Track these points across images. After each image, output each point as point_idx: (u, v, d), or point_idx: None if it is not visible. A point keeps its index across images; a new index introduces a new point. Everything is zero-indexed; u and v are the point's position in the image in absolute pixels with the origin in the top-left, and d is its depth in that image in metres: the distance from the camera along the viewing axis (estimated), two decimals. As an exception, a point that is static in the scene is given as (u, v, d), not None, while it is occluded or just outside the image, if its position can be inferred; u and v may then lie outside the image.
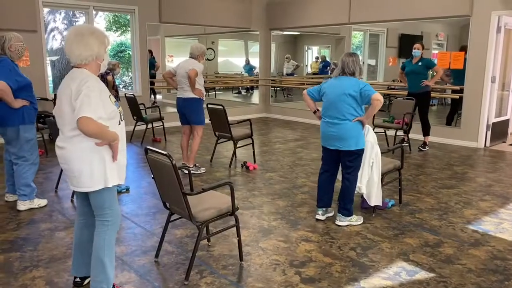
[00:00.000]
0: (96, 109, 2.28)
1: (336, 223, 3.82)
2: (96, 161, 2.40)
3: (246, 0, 9.98)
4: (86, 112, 2.24)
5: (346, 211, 3.79)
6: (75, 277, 2.77)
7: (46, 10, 7.65)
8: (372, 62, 10.87)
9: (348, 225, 3.80)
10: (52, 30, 9.18)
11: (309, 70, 12.40)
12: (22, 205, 4.11)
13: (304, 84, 11.62)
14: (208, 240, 3.46)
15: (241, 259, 3.13)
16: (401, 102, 6.88)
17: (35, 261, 3.12)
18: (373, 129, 4.00)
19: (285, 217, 4.02)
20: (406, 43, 9.17)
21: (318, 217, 3.93)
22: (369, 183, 3.92)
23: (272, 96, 11.20)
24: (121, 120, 2.52)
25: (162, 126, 7.65)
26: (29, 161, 4.10)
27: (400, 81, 7.34)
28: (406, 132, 6.78)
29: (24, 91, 3.95)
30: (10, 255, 3.21)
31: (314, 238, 3.55)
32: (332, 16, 9.04)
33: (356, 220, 3.84)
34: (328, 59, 11.84)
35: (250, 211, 4.17)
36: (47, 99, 7.39)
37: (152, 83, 9.20)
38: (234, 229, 3.15)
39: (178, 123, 5.78)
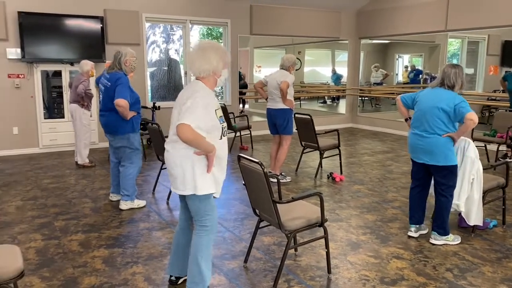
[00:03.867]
0: (197, 118, 2.41)
1: (430, 241, 3.61)
2: (188, 168, 2.53)
3: (335, 9, 9.93)
4: (186, 119, 2.38)
5: (441, 230, 3.57)
6: (170, 276, 2.94)
7: (147, 25, 8.29)
8: (470, 71, 10.17)
9: (443, 244, 3.58)
10: (151, 43, 9.89)
11: (400, 79, 11.93)
12: (124, 205, 4.47)
13: (394, 93, 11.20)
14: (296, 250, 3.47)
15: (329, 271, 3.09)
16: (505, 114, 6.34)
17: (135, 258, 3.36)
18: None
19: (374, 231, 3.90)
20: (510, 50, 8.45)
21: (410, 234, 3.74)
22: (469, 201, 3.66)
23: (359, 106, 10.96)
24: (223, 136, 2.61)
25: (249, 135, 7.86)
26: (134, 164, 4.45)
27: (502, 90, 6.77)
28: (510, 146, 6.22)
29: (135, 104, 4.31)
30: (114, 251, 3.49)
31: (406, 256, 3.39)
32: (427, 23, 8.63)
33: (452, 239, 3.60)
34: (420, 67, 11.30)
35: (337, 223, 4.10)
36: (146, 107, 7.97)
37: (241, 93, 9.49)
38: (321, 240, 3.13)
39: (264, 132, 5.91)
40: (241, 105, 9.86)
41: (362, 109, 11.18)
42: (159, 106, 7.91)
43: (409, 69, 11.57)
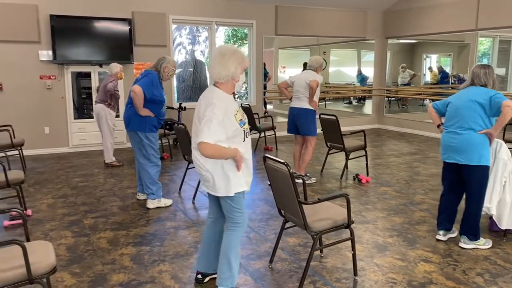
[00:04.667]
0: (214, 134, 2.45)
1: (460, 245, 3.53)
2: (218, 172, 2.59)
3: (361, 9, 9.83)
4: (204, 137, 2.43)
5: (471, 235, 3.48)
6: (197, 274, 2.98)
7: (174, 26, 8.39)
8: (502, 71, 9.87)
9: (474, 248, 3.49)
10: (178, 45, 10.01)
11: (428, 79, 11.70)
12: (151, 204, 4.54)
13: (421, 94, 11.00)
14: (321, 251, 3.45)
15: (355, 273, 3.06)
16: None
17: (162, 256, 3.41)
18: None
19: (401, 234, 3.84)
20: (545, 49, 8.17)
21: (438, 237, 3.67)
22: (501, 204, 3.56)
23: (385, 106, 10.81)
24: (246, 137, 2.64)
25: (274, 135, 7.86)
26: (153, 163, 4.52)
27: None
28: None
29: (155, 105, 4.38)
30: (141, 249, 3.55)
31: (435, 259, 3.33)
32: (457, 22, 8.44)
33: (483, 243, 3.51)
34: (448, 68, 11.04)
35: (363, 225, 4.06)
36: (172, 108, 8.07)
37: (264, 94, 9.50)
38: (347, 242, 3.10)
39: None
40: (266, 106, 9.87)
41: (388, 110, 11.03)
42: (185, 107, 8.00)
43: (434, 69, 11.33)
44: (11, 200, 4.72)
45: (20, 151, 6.18)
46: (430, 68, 11.41)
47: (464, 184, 3.52)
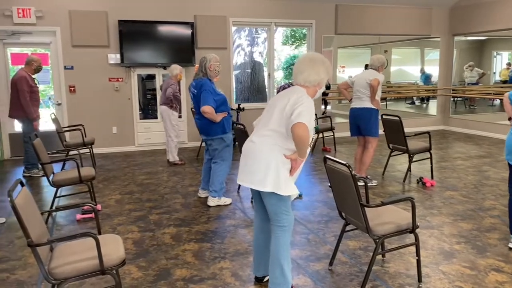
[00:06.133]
0: (308, 123, 2.45)
1: (536, 255, 3.30)
2: (273, 164, 2.55)
3: (426, 5, 9.43)
4: (304, 119, 2.43)
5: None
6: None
7: (233, 28, 8.53)
8: None
9: (552, 259, 3.24)
10: (237, 46, 10.17)
11: (498, 78, 11.00)
12: (212, 202, 4.65)
13: (490, 93, 10.37)
14: (383, 256, 3.36)
15: (419, 280, 2.95)
16: None
17: (222, 253, 3.48)
18: None
19: (470, 241, 3.64)
20: None
21: (511, 245, 3.45)
22: None
23: (451, 107, 10.30)
24: (309, 145, 2.62)
25: (332, 136, 7.75)
26: (226, 162, 4.64)
27: None
28: None
29: (221, 105, 4.49)
30: (203, 245, 3.65)
31: (508, 269, 3.12)
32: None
33: None
34: (523, 65, 10.32)
35: (428, 230, 3.90)
36: (232, 109, 8.21)
37: (323, 94, 9.40)
38: (411, 247, 2.98)
39: (348, 134, 5.78)
40: (323, 106, 9.77)
41: (454, 111, 10.50)
42: (243, 108, 8.11)
43: (511, 66, 10.62)
44: (82, 195, 5.04)
45: (90, 149, 6.58)
46: (508, 64, 10.72)
47: None
